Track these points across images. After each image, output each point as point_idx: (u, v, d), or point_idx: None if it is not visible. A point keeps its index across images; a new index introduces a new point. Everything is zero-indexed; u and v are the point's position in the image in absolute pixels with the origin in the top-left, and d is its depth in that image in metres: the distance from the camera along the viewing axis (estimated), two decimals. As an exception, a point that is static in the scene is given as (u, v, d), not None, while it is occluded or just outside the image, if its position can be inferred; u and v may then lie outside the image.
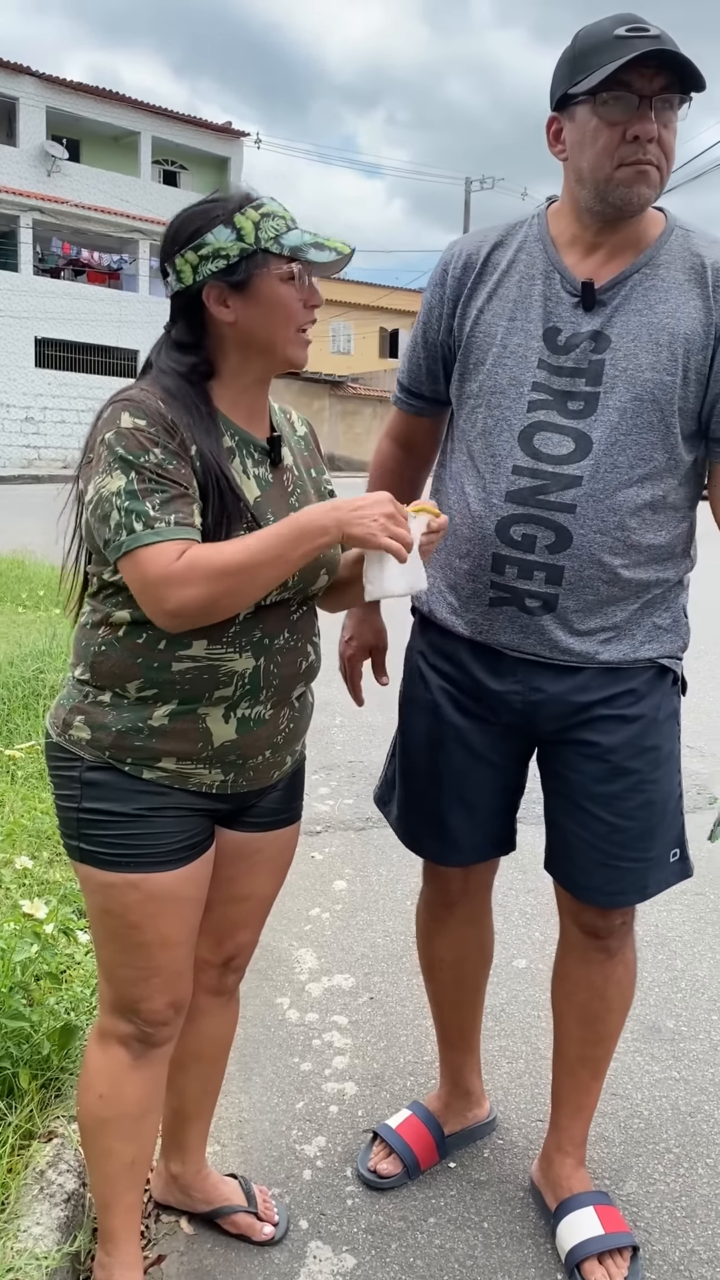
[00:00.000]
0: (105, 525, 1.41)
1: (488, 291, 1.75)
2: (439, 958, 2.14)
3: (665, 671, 1.79)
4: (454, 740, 1.86)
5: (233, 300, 1.49)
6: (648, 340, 1.65)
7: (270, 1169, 2.11)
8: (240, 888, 1.73)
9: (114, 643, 1.53)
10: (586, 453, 1.66)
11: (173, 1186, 1.94)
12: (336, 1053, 2.51)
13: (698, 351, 1.64)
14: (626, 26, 1.57)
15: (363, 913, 3.24)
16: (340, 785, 4.34)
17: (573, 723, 1.77)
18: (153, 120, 28.16)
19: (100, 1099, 1.63)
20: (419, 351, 1.88)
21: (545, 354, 1.69)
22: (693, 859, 1.94)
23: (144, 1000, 1.59)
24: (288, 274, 1.49)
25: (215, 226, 1.47)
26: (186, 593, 1.38)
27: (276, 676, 1.59)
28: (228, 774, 1.59)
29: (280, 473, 1.61)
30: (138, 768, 1.53)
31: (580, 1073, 1.98)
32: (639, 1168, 2.14)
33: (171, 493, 1.42)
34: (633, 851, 1.80)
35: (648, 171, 1.59)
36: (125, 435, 1.42)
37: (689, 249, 1.69)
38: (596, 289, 1.67)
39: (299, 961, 2.93)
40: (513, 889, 3.17)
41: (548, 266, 1.71)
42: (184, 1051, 1.83)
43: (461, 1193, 2.06)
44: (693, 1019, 2.68)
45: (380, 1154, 2.11)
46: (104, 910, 1.57)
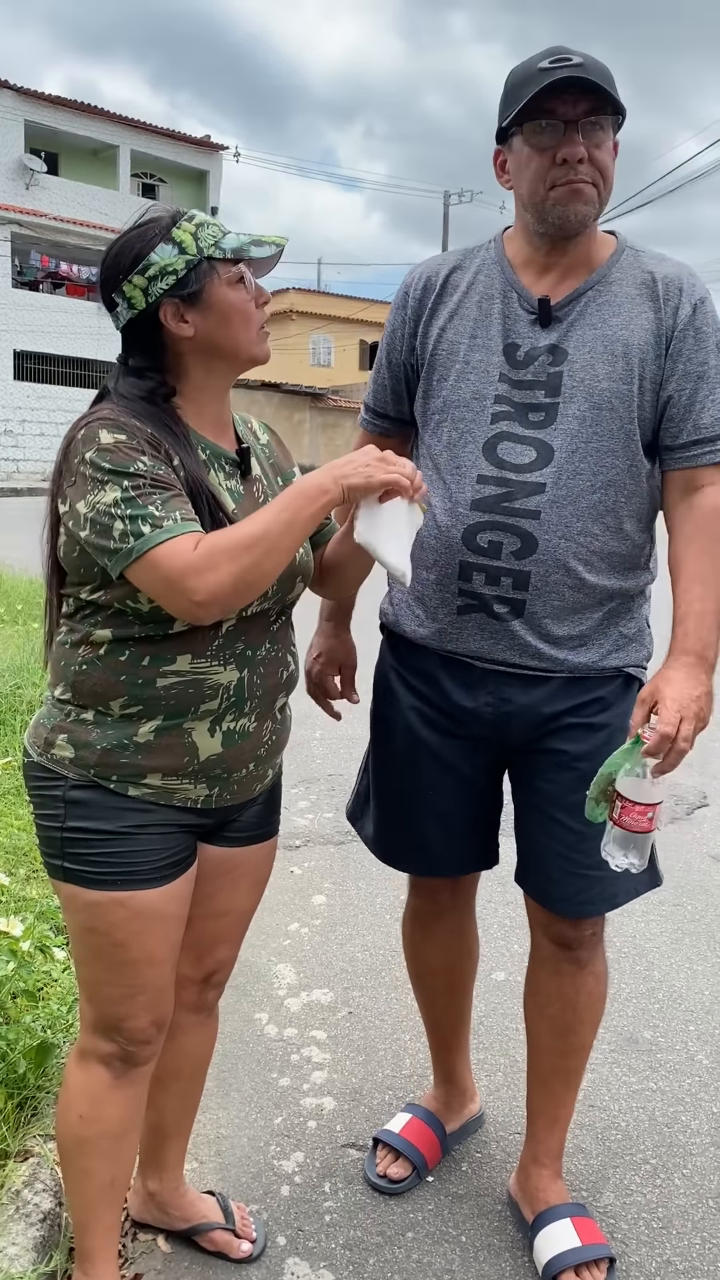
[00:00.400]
0: (108, 538, 1.41)
1: (449, 311, 1.81)
2: (430, 966, 2.16)
3: (631, 680, 1.83)
4: (426, 756, 1.88)
5: (189, 314, 1.50)
6: (603, 352, 1.71)
7: (248, 1185, 2.10)
8: (220, 903, 1.74)
9: (95, 661, 1.53)
10: (549, 461, 1.71)
11: (150, 1204, 1.94)
12: (315, 1068, 2.51)
13: (651, 361, 1.71)
14: (551, 59, 1.65)
15: (342, 927, 3.24)
16: (320, 799, 4.34)
17: (542, 732, 1.80)
18: (131, 133, 28.20)
19: (80, 1119, 1.63)
20: (383, 373, 1.93)
21: (505, 368, 1.74)
22: (665, 870, 1.95)
23: (128, 1019, 1.59)
24: (236, 276, 1.51)
25: (156, 245, 1.48)
26: (213, 578, 1.39)
27: (260, 687, 1.60)
28: (213, 788, 1.59)
29: (250, 484, 1.63)
30: (123, 785, 1.53)
31: (554, 1084, 2.00)
32: (616, 1179, 2.15)
33: (170, 492, 1.43)
34: (601, 860, 1.81)
35: (581, 190, 1.67)
36: (109, 450, 1.42)
37: (639, 266, 1.76)
38: (552, 305, 1.74)
39: (278, 977, 2.93)
40: (492, 902, 3.18)
41: (505, 286, 1.78)
42: (163, 1069, 1.82)
43: (439, 1206, 2.07)
44: (669, 1030, 2.70)
45: (386, 1159, 2.13)
46: (89, 929, 1.56)
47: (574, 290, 1.74)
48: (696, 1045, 2.62)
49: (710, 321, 1.73)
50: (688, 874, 3.64)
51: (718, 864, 3.75)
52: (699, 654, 1.68)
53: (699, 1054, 2.59)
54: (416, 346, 1.84)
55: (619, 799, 1.61)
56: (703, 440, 1.71)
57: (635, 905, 3.37)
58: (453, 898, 2.08)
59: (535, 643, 1.75)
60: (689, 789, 4.51)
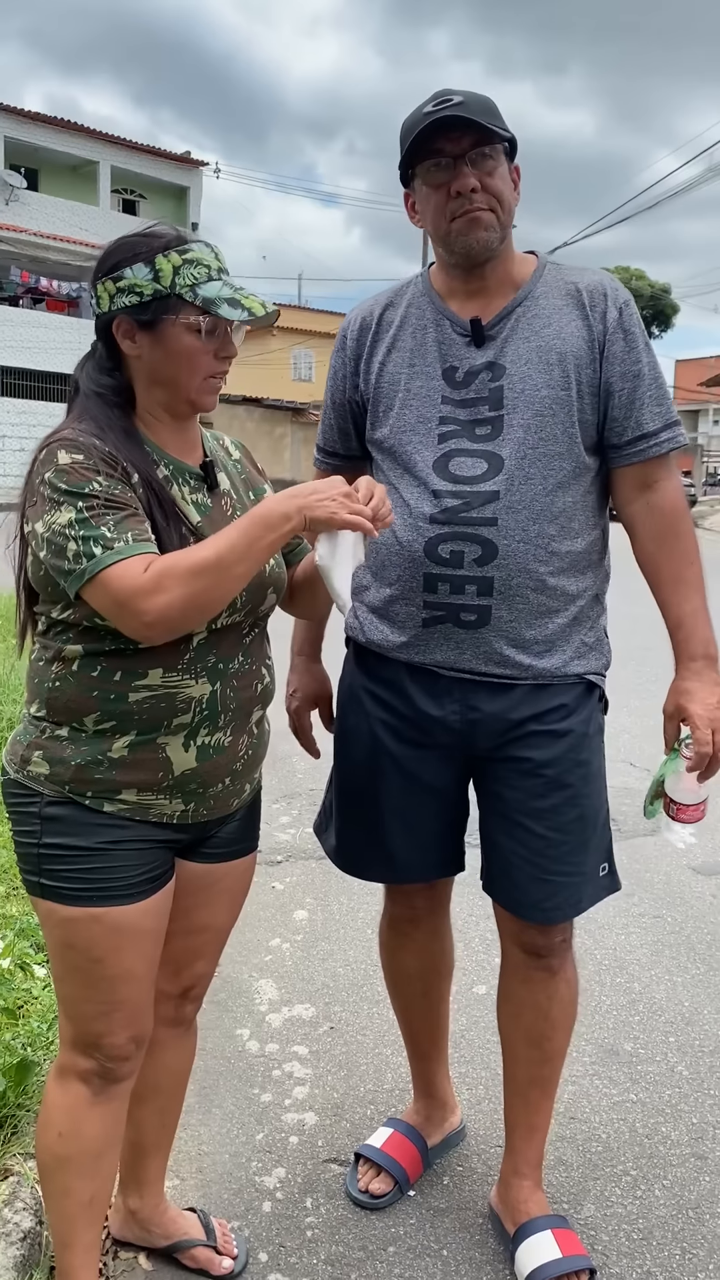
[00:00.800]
0: (63, 558, 1.42)
1: (386, 346, 1.89)
2: (406, 972, 2.18)
3: (592, 688, 1.88)
4: (393, 767, 1.91)
5: (139, 337, 1.52)
6: (538, 362, 1.78)
7: (230, 1202, 2.10)
8: (198, 919, 1.74)
9: (68, 677, 1.53)
10: (499, 469, 1.77)
11: (131, 1222, 1.93)
12: (297, 1083, 2.51)
13: (586, 366, 1.78)
14: (434, 102, 1.73)
15: (323, 942, 3.25)
16: (301, 814, 4.34)
17: (507, 739, 1.83)
18: (111, 149, 28.30)
19: (60, 1137, 1.63)
20: (330, 414, 2.02)
21: (447, 391, 1.82)
22: (645, 883, 1.98)
23: (107, 1035, 1.59)
24: (194, 325, 1.50)
25: (136, 262, 1.50)
26: (162, 599, 1.39)
27: (234, 700, 1.61)
28: (188, 803, 1.60)
29: (219, 497, 1.63)
30: (99, 801, 1.54)
31: (530, 1093, 2.01)
32: (597, 1191, 2.16)
33: (123, 512, 1.44)
34: (568, 865, 1.85)
35: (478, 217, 1.74)
36: (66, 471, 1.44)
37: (562, 279, 1.85)
38: (484, 324, 1.81)
39: (259, 992, 2.93)
40: (473, 915, 3.19)
41: (437, 315, 1.86)
42: (142, 1084, 1.82)
43: (421, 1220, 2.07)
44: (650, 1042, 2.71)
45: (368, 1174, 2.13)
46: (66, 945, 1.57)
47: (503, 309, 1.82)
48: (676, 1057, 2.64)
49: (636, 323, 1.83)
50: (668, 886, 3.66)
51: (697, 876, 3.77)
52: (705, 656, 1.80)
53: (679, 1065, 2.60)
54: (360, 384, 1.93)
55: (671, 803, 1.83)
56: (647, 435, 1.80)
57: (615, 918, 3.39)
58: (429, 902, 2.10)
59: (502, 649, 1.79)
60: (668, 801, 4.53)
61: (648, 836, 4.15)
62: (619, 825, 4.25)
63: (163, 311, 1.50)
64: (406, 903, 2.11)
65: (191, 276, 1.50)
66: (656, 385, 1.82)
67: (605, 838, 1.94)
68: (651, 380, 1.81)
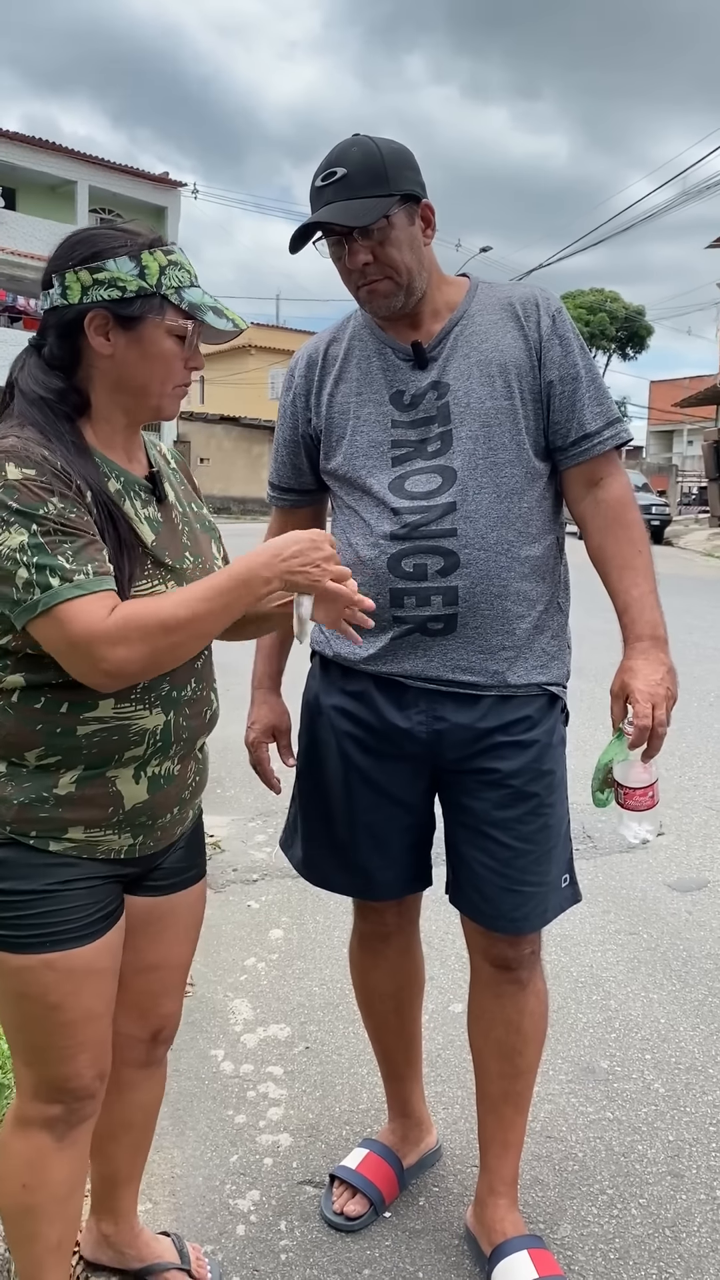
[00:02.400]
0: (10, 585, 1.32)
1: (333, 378, 1.93)
2: (378, 990, 2.17)
3: (554, 700, 1.91)
4: (359, 780, 1.92)
5: (115, 334, 1.44)
6: (480, 376, 1.83)
7: (203, 1225, 2.07)
8: (151, 955, 1.68)
9: (7, 709, 1.43)
10: (453, 482, 1.81)
11: (105, 1245, 1.90)
12: (271, 1104, 2.48)
13: (526, 374, 1.83)
14: (321, 176, 1.76)
15: (299, 961, 3.22)
16: (277, 832, 4.30)
17: (473, 751, 1.84)
18: (90, 170, 28.37)
19: (24, 1188, 1.55)
20: (282, 451, 2.04)
21: (396, 414, 1.86)
22: (621, 899, 1.98)
23: (73, 1078, 1.53)
24: (179, 330, 1.46)
25: (119, 255, 1.43)
26: (123, 652, 1.32)
27: (186, 730, 1.55)
28: (136, 836, 1.53)
29: (168, 510, 1.58)
30: (43, 840, 1.45)
31: (504, 1109, 2.00)
32: (573, 1210, 2.15)
33: (81, 540, 1.35)
34: (533, 875, 1.87)
35: (376, 288, 1.80)
36: (16, 488, 1.33)
37: (495, 296, 1.90)
38: (425, 347, 1.85)
39: (234, 1012, 2.91)
40: (449, 933, 3.18)
41: (379, 345, 1.90)
42: (114, 1123, 1.77)
43: (396, 1243, 2.05)
44: (626, 1059, 2.70)
45: (343, 1196, 2.11)
46: (20, 995, 1.48)
47: (440, 330, 1.86)
48: (653, 1074, 2.63)
49: (569, 328, 1.88)
50: (644, 903, 3.67)
51: (673, 892, 3.78)
52: (651, 636, 1.82)
53: (655, 1083, 2.59)
54: (312, 418, 1.96)
55: (620, 788, 1.78)
56: (589, 434, 1.85)
57: (591, 935, 3.39)
58: (399, 919, 2.11)
59: (469, 657, 1.81)
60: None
61: (624, 854, 4.15)
62: (594, 841, 4.25)
63: (146, 311, 1.43)
64: (377, 919, 2.11)
65: (176, 279, 1.46)
66: (595, 386, 1.87)
67: (567, 848, 1.96)
68: (589, 382, 1.86)
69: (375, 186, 1.73)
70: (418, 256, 1.80)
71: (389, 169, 1.74)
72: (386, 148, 1.76)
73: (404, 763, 1.90)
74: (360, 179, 1.73)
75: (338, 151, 1.76)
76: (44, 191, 28.13)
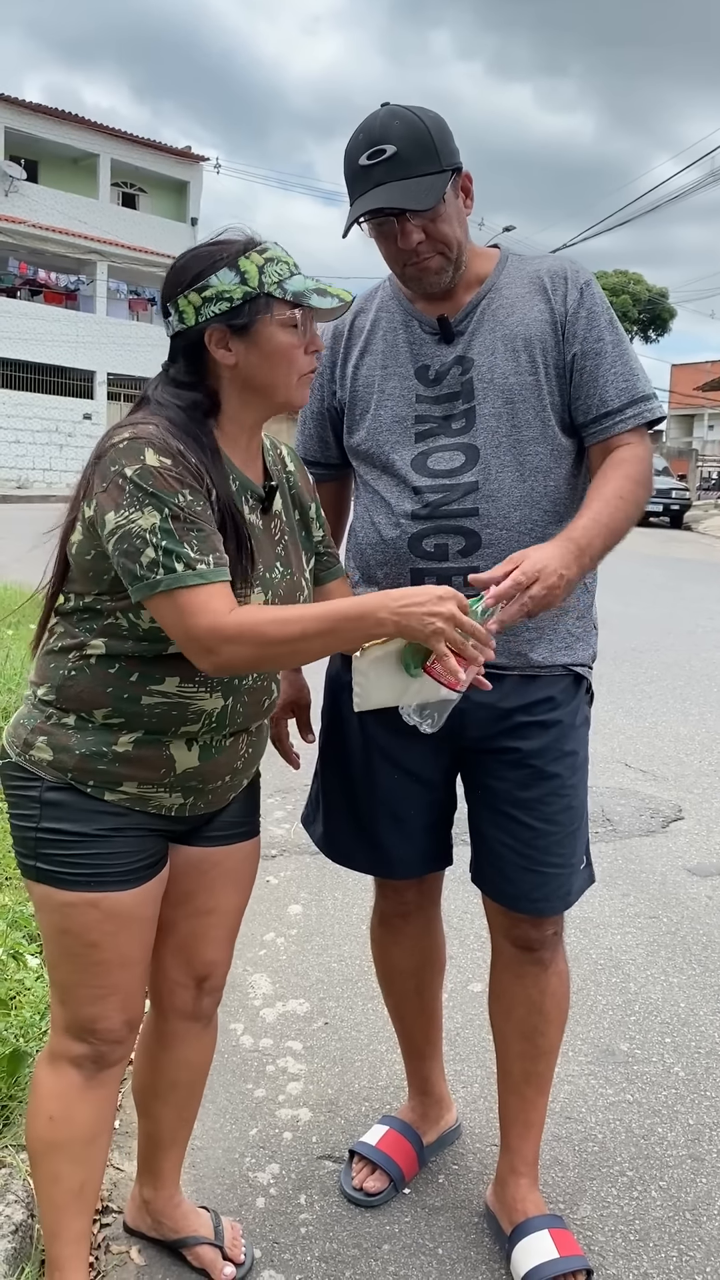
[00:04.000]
0: (135, 561, 1.39)
1: (359, 350, 1.91)
2: (398, 968, 2.17)
3: (579, 680, 1.88)
4: (380, 757, 1.91)
5: (234, 343, 1.50)
6: (504, 350, 1.79)
7: (223, 1197, 2.08)
8: (202, 901, 1.73)
9: (85, 669, 1.52)
10: (475, 460, 1.78)
11: (144, 1213, 1.92)
12: (291, 1079, 2.49)
13: (552, 348, 1.79)
14: (366, 153, 1.70)
15: (318, 937, 3.23)
16: (296, 808, 4.31)
17: (495, 730, 1.83)
18: (112, 143, 28.22)
19: (50, 1121, 1.62)
20: (309, 423, 2.02)
21: (421, 389, 1.83)
22: (641, 883, 1.96)
23: (101, 1019, 1.59)
24: (290, 320, 1.50)
25: (220, 269, 1.48)
26: (234, 651, 1.39)
27: (241, 715, 1.61)
28: (187, 797, 1.60)
29: (270, 519, 1.62)
30: (99, 790, 1.54)
31: (525, 1089, 2.00)
32: (593, 1191, 2.14)
33: (206, 531, 1.42)
34: (556, 856, 1.85)
35: (427, 265, 1.77)
36: (153, 473, 1.40)
37: (524, 269, 1.86)
38: (451, 321, 1.82)
39: (253, 987, 2.91)
40: (468, 912, 3.17)
41: (406, 317, 1.87)
42: (160, 1080, 1.83)
43: (416, 1219, 2.05)
44: (646, 1042, 2.69)
45: (363, 1172, 2.12)
46: (62, 930, 1.56)
47: (468, 303, 1.83)
48: (673, 1057, 2.62)
49: (599, 301, 1.82)
50: (663, 887, 3.65)
51: (693, 877, 3.76)
52: (578, 544, 1.65)
53: (675, 1066, 2.59)
54: (337, 390, 1.94)
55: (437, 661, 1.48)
56: (611, 412, 1.79)
57: (611, 918, 3.38)
58: (419, 897, 2.10)
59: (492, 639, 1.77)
60: (664, 801, 4.53)
61: (644, 837, 4.14)
62: (614, 825, 4.24)
63: (256, 313, 1.48)
64: (397, 898, 2.10)
65: (276, 274, 1.49)
66: (622, 361, 1.80)
67: (586, 830, 1.95)
68: (616, 357, 1.79)
69: (428, 163, 1.68)
70: (464, 229, 1.78)
71: (436, 142, 1.70)
72: (429, 119, 1.71)
73: (425, 741, 1.86)
74: (413, 156, 1.68)
75: (379, 126, 1.70)
76: (66, 164, 28.00)
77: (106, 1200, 2.04)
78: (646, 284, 42.88)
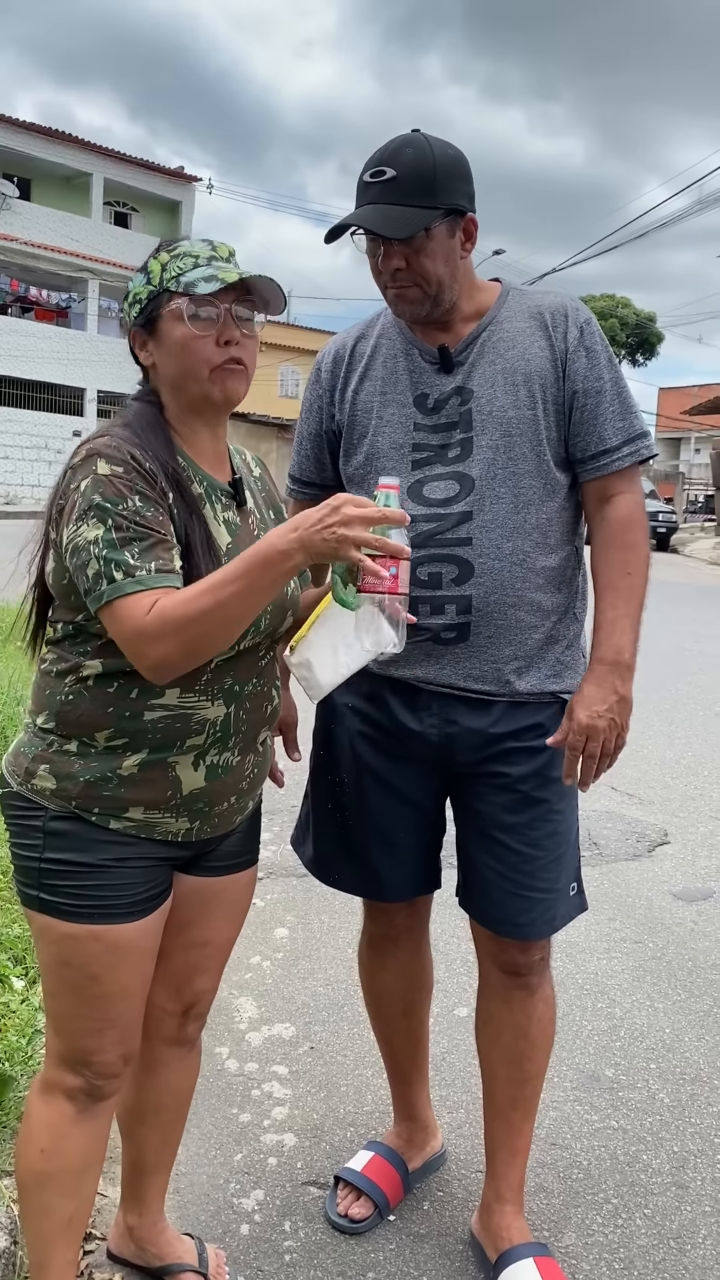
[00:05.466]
0: (84, 575, 1.41)
1: (359, 376, 1.92)
2: (386, 992, 2.17)
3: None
4: (371, 779, 1.92)
5: (149, 345, 1.54)
6: (504, 384, 1.81)
7: (207, 1224, 2.07)
8: (198, 933, 1.72)
9: (83, 692, 1.51)
10: (470, 490, 1.80)
11: (128, 1239, 1.91)
12: (276, 1103, 2.48)
13: (551, 385, 1.82)
14: (371, 171, 1.74)
15: (304, 961, 3.22)
16: (283, 830, 4.31)
17: (485, 755, 1.85)
18: (105, 162, 28.36)
19: (42, 1153, 1.60)
20: (306, 444, 2.03)
21: (419, 418, 1.85)
22: (626, 907, 1.97)
23: (98, 1052, 1.57)
24: (179, 311, 1.48)
25: (137, 273, 1.55)
26: (160, 649, 1.37)
27: (245, 722, 1.60)
28: (194, 821, 1.59)
29: (245, 515, 1.63)
30: (105, 818, 1.52)
31: (511, 1115, 2.00)
32: (578, 1219, 2.14)
33: (150, 539, 1.41)
34: (542, 881, 1.87)
35: (403, 294, 1.79)
36: (102, 482, 1.41)
37: (525, 303, 1.88)
38: (451, 351, 1.84)
39: (239, 1010, 2.90)
40: (454, 936, 3.17)
41: (406, 345, 1.89)
42: (143, 1104, 1.82)
43: (401, 1246, 2.04)
44: (631, 1068, 2.70)
45: (348, 1198, 2.11)
46: (63, 962, 1.55)
47: (468, 335, 1.84)
48: (658, 1083, 2.63)
49: (598, 340, 1.85)
50: (649, 911, 3.66)
51: (679, 901, 3.77)
52: (611, 661, 1.78)
53: (660, 1092, 2.59)
54: (336, 414, 1.95)
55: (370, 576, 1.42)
56: (608, 450, 1.82)
57: (596, 943, 3.38)
58: (408, 919, 2.11)
59: (480, 666, 1.82)
60: (650, 826, 4.54)
61: (630, 861, 4.15)
62: (600, 849, 4.25)
63: (155, 310, 1.51)
64: (386, 921, 2.11)
65: (177, 268, 1.50)
66: (620, 401, 1.83)
67: (576, 857, 1.97)
68: (614, 396, 1.83)
69: (421, 196, 1.70)
70: (451, 269, 1.78)
71: (439, 178, 1.71)
72: (441, 154, 1.73)
73: (415, 764, 1.90)
74: (409, 185, 1.70)
75: (392, 148, 1.73)
76: (59, 183, 28.13)
77: (90, 1227, 2.02)
78: (635, 308, 43.21)
